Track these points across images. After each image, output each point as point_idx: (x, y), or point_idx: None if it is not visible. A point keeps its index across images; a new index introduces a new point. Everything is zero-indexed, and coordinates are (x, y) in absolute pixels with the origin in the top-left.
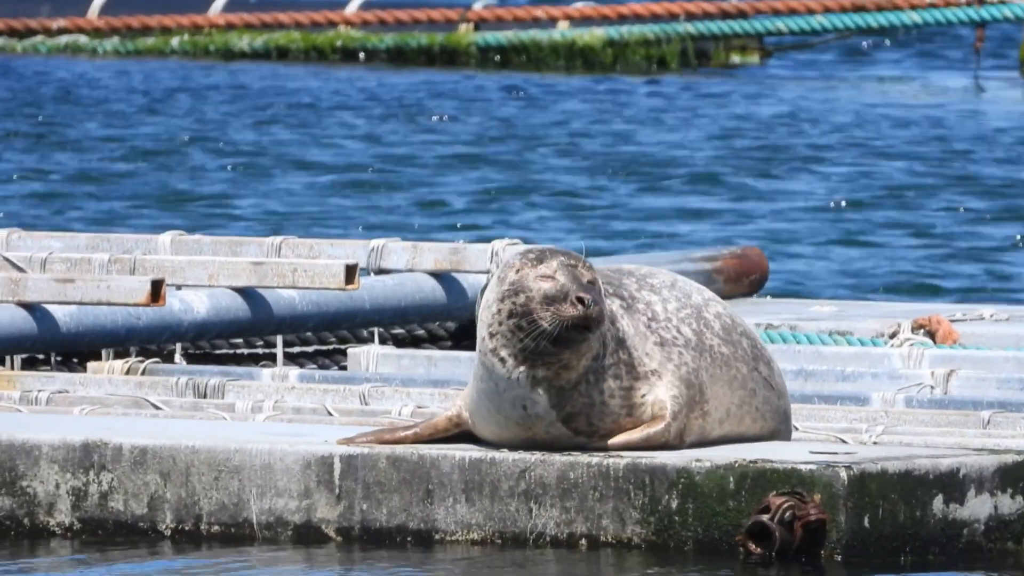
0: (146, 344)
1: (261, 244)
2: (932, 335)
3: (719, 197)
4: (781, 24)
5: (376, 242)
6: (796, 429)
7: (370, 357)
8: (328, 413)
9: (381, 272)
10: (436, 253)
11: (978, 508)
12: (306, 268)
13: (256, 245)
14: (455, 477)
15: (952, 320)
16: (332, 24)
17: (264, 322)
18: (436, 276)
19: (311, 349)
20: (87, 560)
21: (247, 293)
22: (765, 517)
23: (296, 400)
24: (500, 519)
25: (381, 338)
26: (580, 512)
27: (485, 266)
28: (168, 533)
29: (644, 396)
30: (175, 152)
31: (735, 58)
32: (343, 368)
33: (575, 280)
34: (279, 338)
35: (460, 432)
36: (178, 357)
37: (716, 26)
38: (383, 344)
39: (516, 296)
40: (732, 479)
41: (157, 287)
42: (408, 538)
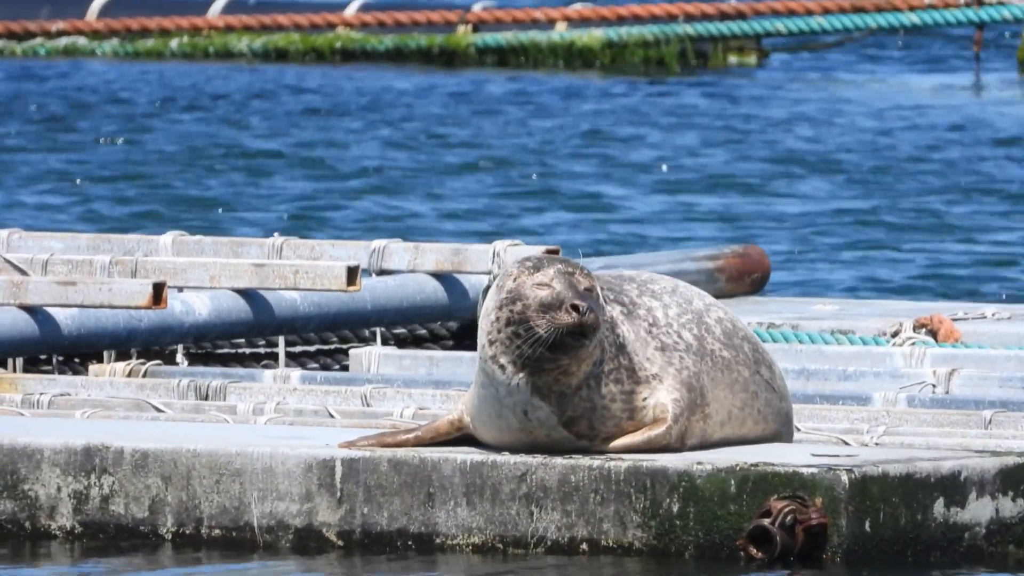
0: (148, 346)
1: (262, 245)
2: (934, 334)
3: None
4: (780, 25)
5: (377, 243)
6: (798, 430)
7: (372, 358)
8: (330, 415)
9: (383, 273)
10: (437, 254)
11: (979, 511)
12: (308, 270)
13: (257, 246)
14: (456, 480)
15: (954, 319)
16: (331, 26)
17: (266, 323)
18: (438, 277)
19: (313, 349)
20: (88, 563)
21: (249, 295)
22: (766, 521)
23: (298, 402)
24: (501, 522)
25: (383, 338)
26: (581, 516)
27: (487, 267)
28: (169, 537)
29: (645, 399)
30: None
31: (732, 59)
32: (345, 368)
33: (571, 287)
34: (281, 339)
35: (462, 436)
36: (180, 358)
37: (715, 27)
38: (385, 344)
39: (513, 304)
40: (733, 482)
41: (159, 290)
42: (409, 542)
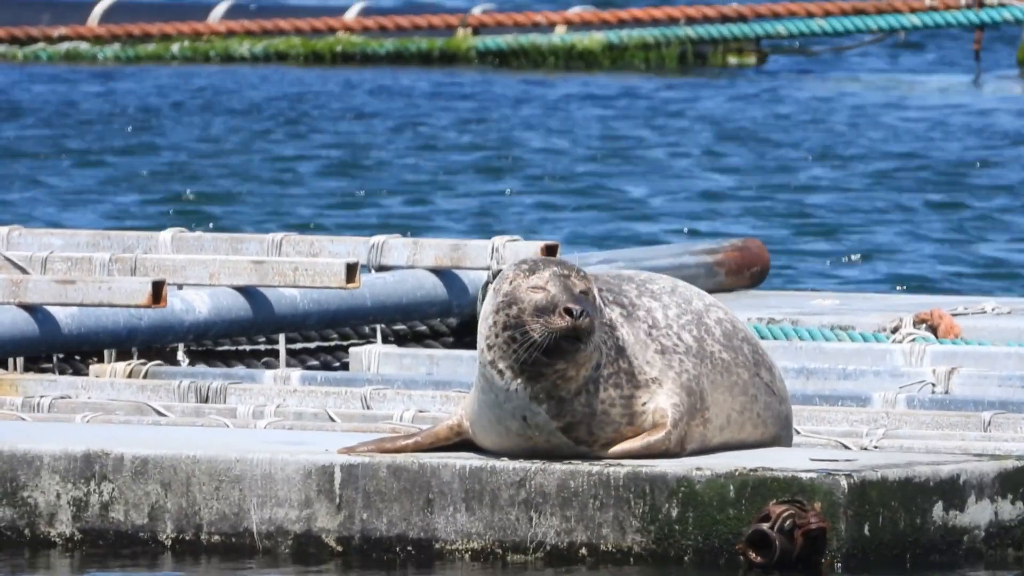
0: (148, 345)
1: (262, 241)
2: (934, 329)
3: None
4: (781, 27)
5: (377, 239)
6: (798, 432)
7: (371, 356)
8: (330, 418)
9: (382, 269)
10: (437, 249)
11: (978, 514)
12: (307, 267)
13: (256, 242)
14: (455, 486)
15: (954, 314)
16: (332, 30)
17: (265, 321)
18: (437, 272)
19: (313, 346)
20: (88, 571)
21: (248, 292)
22: (765, 526)
23: (298, 403)
24: (500, 528)
25: (383, 334)
26: (580, 521)
27: (486, 262)
28: (168, 543)
29: (645, 404)
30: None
31: (732, 59)
32: (345, 365)
33: (566, 291)
34: (281, 336)
35: (461, 441)
36: (180, 355)
37: (716, 29)
38: (385, 340)
39: (509, 308)
40: (732, 487)
41: (158, 288)
42: (408, 547)
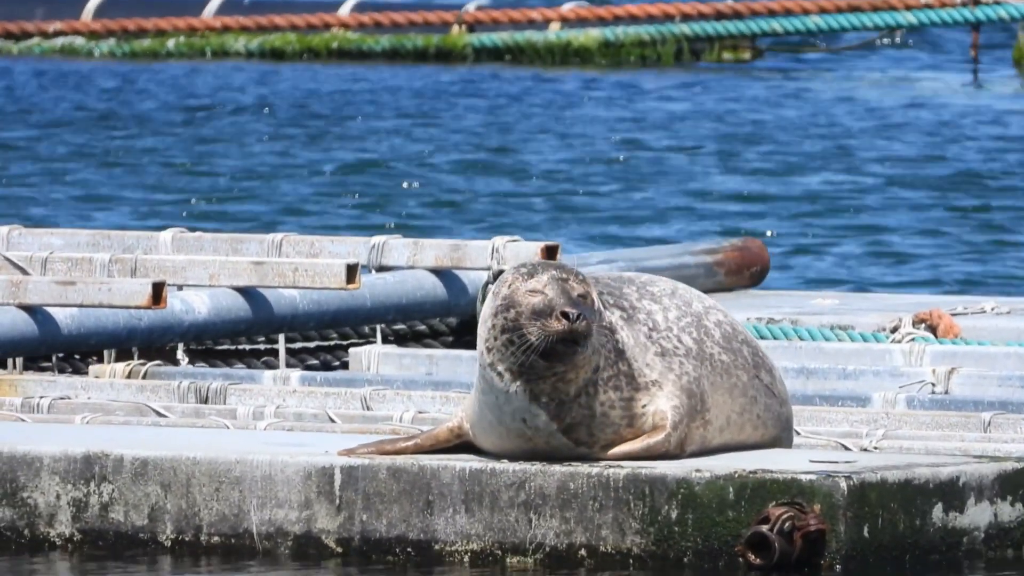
0: (147, 345)
1: (262, 241)
2: (933, 329)
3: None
4: (776, 25)
5: (377, 239)
6: (798, 433)
7: (371, 357)
8: (330, 419)
9: (382, 269)
10: (437, 250)
11: (978, 516)
12: (307, 268)
13: (257, 242)
14: (455, 488)
15: (953, 314)
16: (327, 26)
17: (265, 321)
18: (437, 273)
19: (313, 345)
20: (87, 571)
21: (248, 293)
22: (764, 528)
23: (298, 404)
24: (500, 529)
25: (383, 335)
26: (580, 522)
27: (486, 262)
28: (168, 544)
29: (645, 407)
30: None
31: (727, 56)
32: (345, 364)
33: (564, 294)
34: (281, 337)
35: (461, 443)
36: (180, 354)
37: (711, 27)
38: (385, 340)
39: (508, 311)
40: (732, 489)
41: (158, 289)
42: (408, 548)
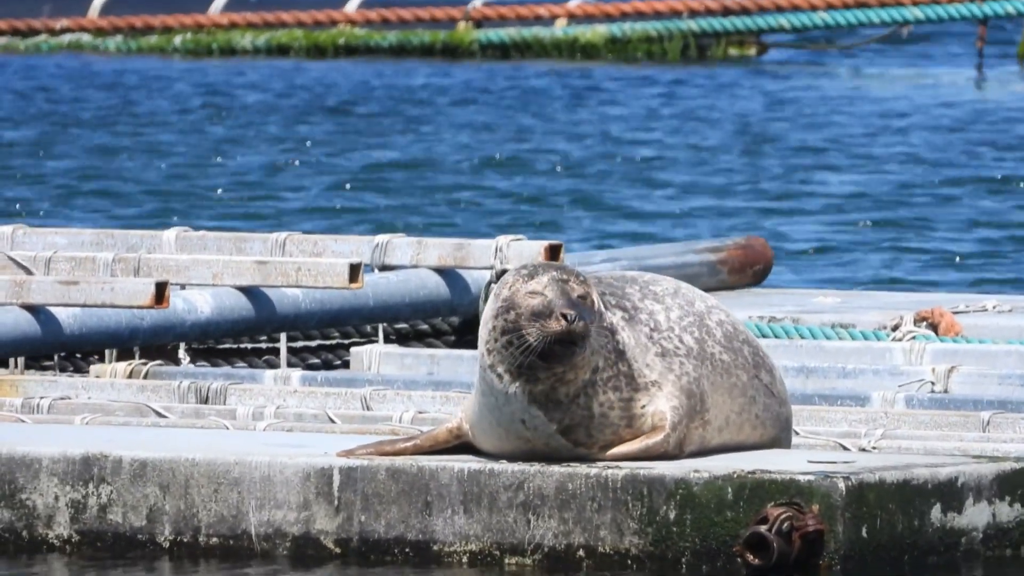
0: (150, 344)
1: (265, 240)
2: (935, 327)
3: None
4: (783, 20)
5: (380, 238)
6: (797, 433)
7: (372, 356)
8: (330, 419)
9: (385, 268)
10: (440, 249)
11: (976, 516)
12: (310, 267)
13: (260, 241)
14: (454, 488)
15: (955, 312)
16: (334, 23)
17: (268, 321)
18: (440, 272)
19: (314, 344)
20: (86, 573)
21: (251, 292)
22: (763, 528)
23: (298, 404)
24: (498, 530)
25: (385, 334)
26: (578, 523)
27: (489, 262)
28: (167, 545)
29: (644, 407)
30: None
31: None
32: (346, 363)
33: (563, 295)
34: (283, 336)
35: (460, 444)
36: (182, 353)
37: (718, 22)
38: (387, 340)
39: (508, 313)
40: (730, 490)
41: (161, 289)
42: (406, 549)
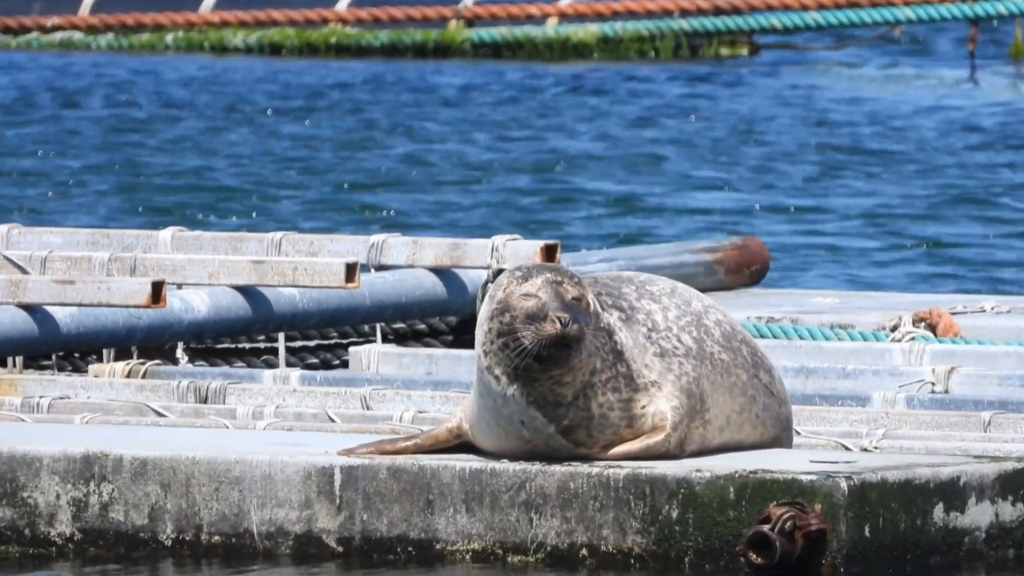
0: (147, 344)
1: (261, 240)
2: (933, 328)
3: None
4: (775, 20)
5: (376, 237)
6: (798, 433)
7: (371, 356)
8: (330, 419)
9: (381, 268)
10: (436, 249)
11: (979, 516)
12: (306, 267)
13: (256, 241)
14: (455, 487)
15: (953, 313)
16: (325, 21)
17: (265, 320)
18: (436, 272)
19: (313, 344)
20: (87, 571)
21: (248, 291)
22: (766, 527)
23: (297, 404)
24: (501, 529)
25: (383, 333)
26: (580, 522)
27: (485, 261)
28: (168, 544)
29: (644, 407)
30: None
31: (724, 51)
32: (344, 363)
33: (558, 298)
34: (281, 335)
35: (461, 443)
36: (180, 353)
37: (710, 22)
38: (385, 339)
39: (502, 315)
40: (732, 489)
41: (157, 288)
42: (409, 548)
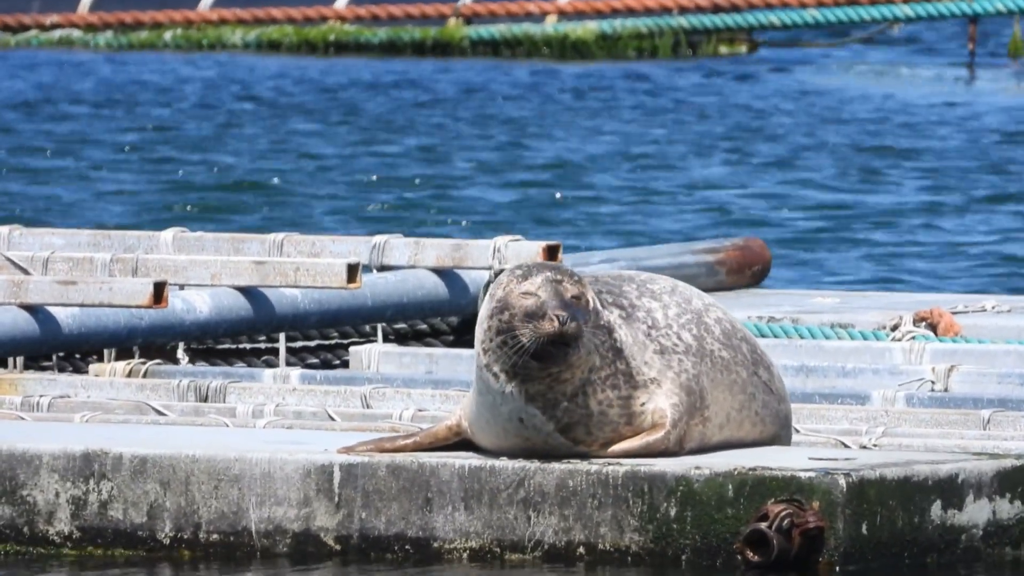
0: (148, 344)
1: (263, 241)
2: (934, 327)
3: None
4: (774, 17)
5: (378, 238)
6: (797, 431)
7: (371, 355)
8: (330, 417)
9: (383, 268)
10: (438, 249)
11: (976, 513)
12: (308, 267)
13: (258, 242)
14: (454, 485)
15: (953, 312)
16: (323, 19)
17: (266, 321)
18: (438, 272)
19: (313, 344)
20: (86, 569)
21: (249, 292)
22: (763, 525)
23: (297, 402)
24: (499, 527)
25: (384, 334)
26: (579, 520)
27: (487, 262)
28: (167, 542)
29: (644, 405)
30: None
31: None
32: (345, 363)
33: (557, 296)
34: (282, 336)
35: (460, 441)
36: (180, 353)
37: (709, 19)
38: (386, 340)
39: (502, 313)
40: (731, 487)
41: (159, 289)
42: (407, 546)
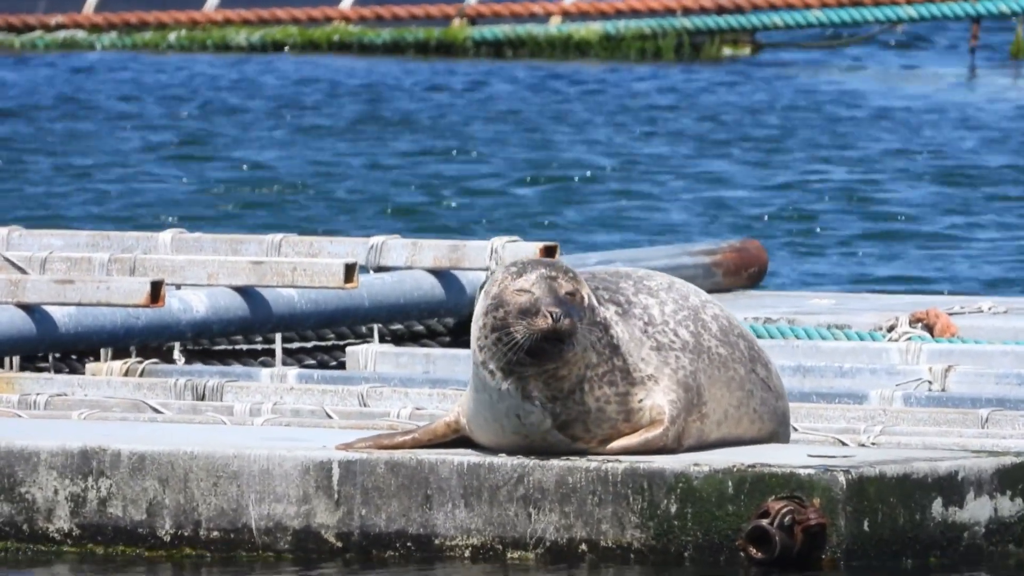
0: (145, 344)
1: (261, 242)
2: (930, 328)
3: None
4: (777, 19)
5: (375, 239)
6: (795, 430)
7: (368, 356)
8: (327, 415)
9: (380, 269)
10: (435, 250)
11: (978, 511)
12: (305, 267)
13: (256, 243)
14: (454, 482)
15: (950, 313)
16: (328, 20)
17: (263, 321)
18: (435, 273)
19: (310, 345)
20: (86, 566)
21: (246, 292)
22: (765, 522)
23: (295, 401)
24: (499, 524)
25: (380, 334)
26: (579, 517)
27: (484, 263)
28: (167, 539)
29: (641, 401)
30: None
31: (727, 50)
32: (342, 364)
33: (551, 293)
34: (278, 336)
35: (458, 438)
36: (177, 354)
37: (712, 20)
38: (382, 340)
39: (496, 310)
40: (731, 483)
41: (156, 288)
42: (407, 543)
